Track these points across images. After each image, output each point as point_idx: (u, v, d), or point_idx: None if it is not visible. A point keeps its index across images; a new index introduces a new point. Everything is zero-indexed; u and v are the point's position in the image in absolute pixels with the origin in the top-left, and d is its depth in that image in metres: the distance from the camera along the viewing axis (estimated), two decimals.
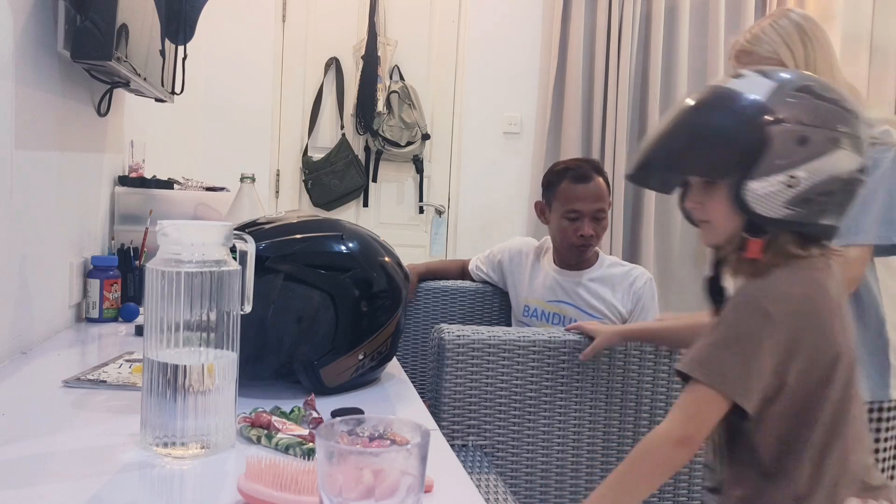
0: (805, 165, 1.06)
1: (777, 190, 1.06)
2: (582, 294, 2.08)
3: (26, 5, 1.32)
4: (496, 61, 3.84)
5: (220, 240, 0.92)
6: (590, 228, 2.04)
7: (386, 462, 0.63)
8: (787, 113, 1.07)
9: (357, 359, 1.23)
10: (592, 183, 2.07)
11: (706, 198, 1.14)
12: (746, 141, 1.07)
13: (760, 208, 1.07)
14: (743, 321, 1.10)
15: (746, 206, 1.08)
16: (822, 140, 1.07)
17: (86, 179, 1.75)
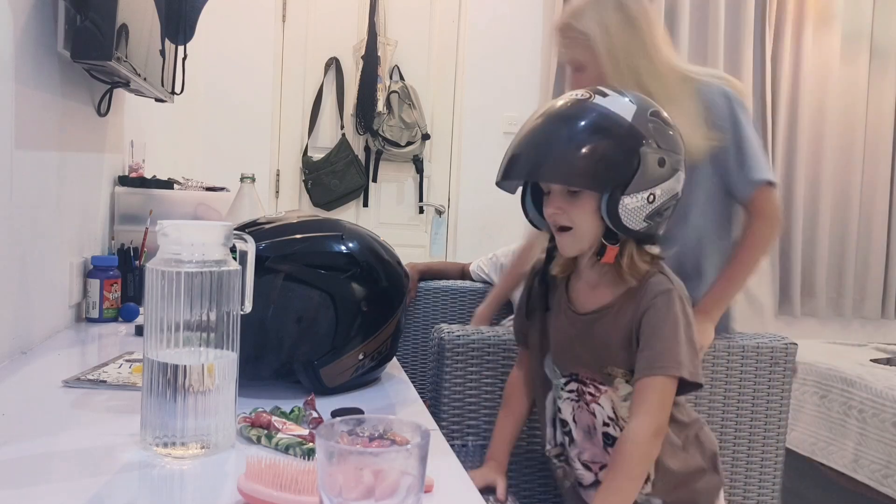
0: (661, 185, 1.21)
1: (641, 205, 1.20)
2: None
3: (26, 5, 1.31)
4: (496, 61, 3.85)
5: (220, 240, 0.92)
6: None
7: (386, 462, 0.63)
8: (650, 136, 1.20)
9: (357, 359, 1.23)
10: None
11: (569, 206, 1.23)
12: (627, 161, 1.19)
13: (627, 220, 1.20)
14: (678, 314, 1.24)
15: (618, 219, 1.19)
16: (672, 163, 1.22)
17: (86, 179, 1.75)
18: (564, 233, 1.24)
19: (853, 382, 2.62)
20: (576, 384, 1.31)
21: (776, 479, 1.69)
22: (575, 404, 1.32)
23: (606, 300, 1.29)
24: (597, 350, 1.29)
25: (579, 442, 1.32)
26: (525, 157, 1.23)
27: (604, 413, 1.29)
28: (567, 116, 1.22)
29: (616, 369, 1.28)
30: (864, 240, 4.19)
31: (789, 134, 4.06)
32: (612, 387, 1.28)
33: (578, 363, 1.31)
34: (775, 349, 1.66)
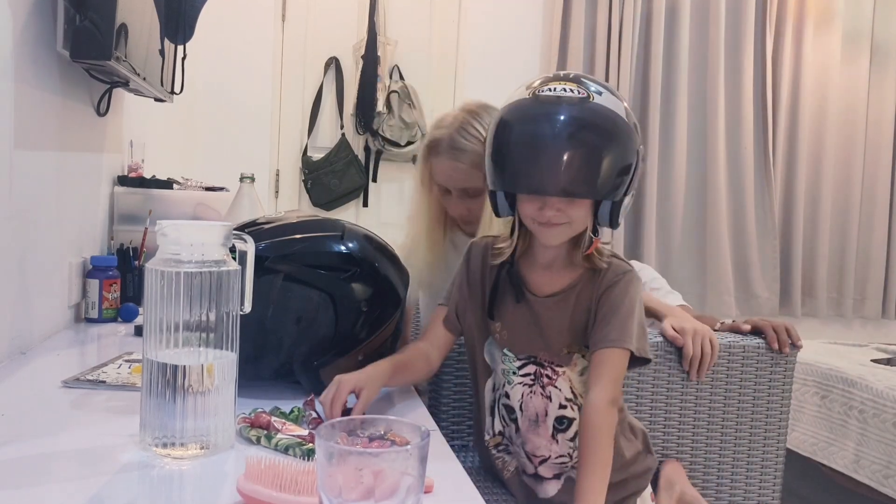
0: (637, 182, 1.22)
1: (629, 201, 1.23)
2: None
3: (26, 5, 1.31)
4: (496, 61, 3.84)
5: (219, 240, 0.92)
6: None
7: (386, 463, 0.63)
8: (637, 132, 1.21)
9: (356, 360, 1.22)
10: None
11: (567, 206, 1.20)
12: (632, 163, 1.19)
13: (621, 217, 1.22)
14: (635, 295, 1.28)
15: (617, 217, 1.21)
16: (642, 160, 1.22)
17: (85, 179, 1.75)
18: (556, 227, 1.22)
19: (854, 383, 2.61)
20: (533, 367, 1.30)
21: (777, 479, 1.69)
22: (527, 389, 1.30)
23: (566, 282, 1.29)
24: (558, 331, 1.29)
25: (524, 431, 1.31)
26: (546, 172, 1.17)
27: (561, 395, 1.29)
28: (582, 124, 1.18)
29: (574, 345, 1.29)
30: (865, 239, 4.19)
31: (790, 134, 4.06)
32: (570, 364, 1.29)
33: (537, 346, 1.30)
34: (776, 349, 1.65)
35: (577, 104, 1.17)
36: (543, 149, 1.17)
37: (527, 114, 1.19)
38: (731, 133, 3.96)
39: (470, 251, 1.38)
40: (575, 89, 1.18)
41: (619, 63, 3.80)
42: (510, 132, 1.19)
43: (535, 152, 1.17)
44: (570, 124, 1.17)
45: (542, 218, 1.21)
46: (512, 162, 1.20)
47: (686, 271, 3.95)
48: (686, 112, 3.90)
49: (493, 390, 1.35)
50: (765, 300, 4.03)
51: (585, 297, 1.28)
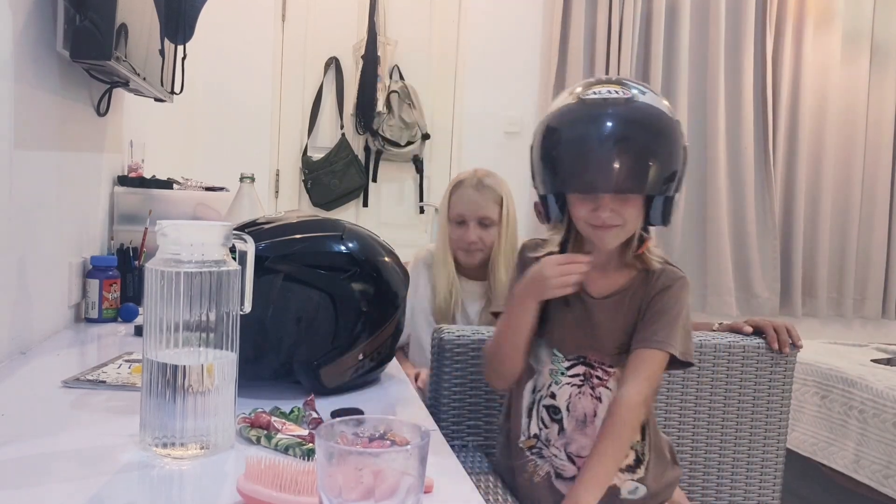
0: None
1: (678, 199, 1.26)
2: None
3: (26, 5, 1.31)
4: (496, 61, 3.84)
5: (219, 240, 0.92)
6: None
7: (386, 463, 0.63)
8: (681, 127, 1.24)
9: (357, 359, 1.22)
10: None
11: (621, 206, 1.22)
12: (682, 159, 1.22)
13: (672, 214, 1.25)
14: (685, 301, 1.32)
15: (669, 214, 1.23)
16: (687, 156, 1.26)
17: (85, 179, 1.75)
18: (611, 229, 1.24)
19: (854, 383, 2.61)
20: (583, 367, 1.31)
21: (777, 479, 1.69)
22: (576, 389, 1.31)
23: (619, 284, 1.32)
24: (612, 332, 1.31)
25: (569, 432, 1.31)
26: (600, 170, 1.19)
27: (612, 396, 1.30)
28: (631, 121, 1.20)
29: (627, 347, 1.31)
30: (865, 239, 4.18)
31: (790, 134, 4.06)
32: (622, 365, 1.30)
33: (589, 346, 1.32)
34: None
35: (623, 104, 1.19)
36: (595, 147, 1.19)
37: (576, 116, 1.21)
38: (731, 133, 3.96)
39: (523, 253, 1.40)
40: (619, 90, 1.20)
41: (619, 63, 3.80)
42: (560, 135, 1.22)
43: (588, 151, 1.19)
44: (620, 123, 1.20)
45: (596, 220, 1.23)
46: (564, 162, 1.22)
47: (686, 271, 3.89)
48: (686, 112, 3.90)
49: (533, 391, 1.36)
50: (765, 300, 4.02)
51: (638, 298, 1.31)
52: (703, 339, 1.62)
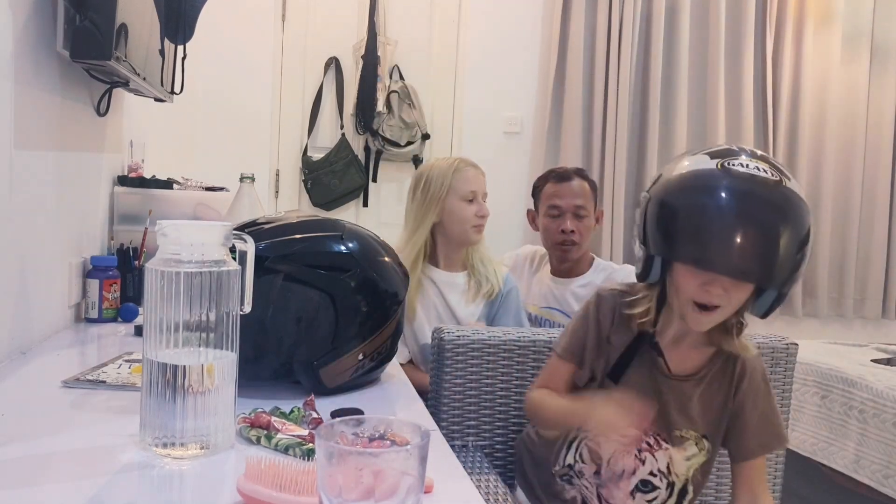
0: None
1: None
2: (570, 301, 2.11)
3: (26, 5, 1.31)
4: (496, 61, 3.84)
5: (219, 240, 0.92)
6: (571, 224, 2.08)
7: (386, 463, 0.63)
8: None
9: (357, 359, 1.22)
10: (574, 181, 2.15)
11: (733, 289, 1.15)
12: (808, 252, 1.15)
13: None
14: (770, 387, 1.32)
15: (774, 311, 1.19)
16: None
17: (85, 179, 1.75)
18: (712, 311, 1.17)
19: (854, 383, 2.61)
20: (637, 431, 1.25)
21: (777, 479, 1.69)
22: (623, 447, 1.27)
23: (697, 364, 1.28)
24: (678, 414, 1.27)
25: (604, 479, 1.29)
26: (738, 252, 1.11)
27: (655, 465, 1.27)
28: (780, 209, 1.12)
29: (691, 432, 1.28)
30: (865, 240, 4.18)
31: (790, 134, 4.06)
32: (680, 448, 1.28)
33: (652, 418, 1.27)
34: (776, 349, 1.65)
35: (773, 187, 1.12)
36: (742, 228, 1.10)
37: (723, 187, 1.12)
38: (731, 133, 3.96)
39: (600, 304, 1.32)
40: (768, 169, 1.13)
41: (619, 63, 3.80)
42: (702, 202, 1.13)
43: (732, 230, 1.10)
44: (772, 208, 1.12)
45: (702, 297, 1.16)
46: (701, 234, 1.13)
47: None
48: (686, 112, 3.90)
49: (578, 427, 1.31)
50: None
51: (716, 385, 1.26)
52: None
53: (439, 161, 2.11)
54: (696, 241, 1.13)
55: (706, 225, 1.12)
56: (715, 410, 1.28)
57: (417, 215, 2.05)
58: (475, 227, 2.04)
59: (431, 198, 2.02)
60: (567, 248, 2.11)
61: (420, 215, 2.03)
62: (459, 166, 2.05)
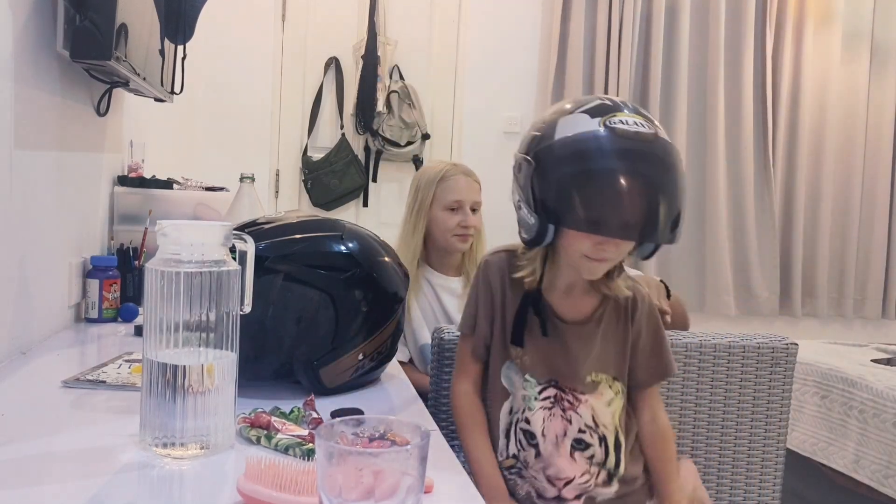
0: None
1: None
2: None
3: (26, 5, 1.31)
4: (496, 61, 3.84)
5: (219, 240, 0.92)
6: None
7: (386, 463, 0.63)
8: None
9: (357, 359, 1.22)
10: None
11: (624, 243, 1.19)
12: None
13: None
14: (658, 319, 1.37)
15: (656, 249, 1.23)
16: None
17: (85, 179, 1.75)
18: (604, 262, 1.20)
19: (854, 383, 2.61)
20: (554, 390, 1.29)
21: (777, 479, 1.69)
22: (548, 413, 1.29)
23: (589, 308, 1.31)
24: (585, 358, 1.29)
25: (546, 456, 1.29)
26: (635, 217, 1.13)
27: (581, 421, 1.29)
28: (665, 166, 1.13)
29: (601, 375, 1.29)
30: (865, 240, 4.18)
31: (790, 134, 4.06)
32: (595, 393, 1.29)
33: (561, 372, 1.29)
34: (776, 349, 1.65)
35: (654, 143, 1.12)
36: (635, 192, 1.11)
37: (611, 149, 1.11)
38: (731, 133, 3.96)
39: (487, 270, 1.33)
40: (644, 123, 1.13)
41: (619, 63, 3.80)
42: (590, 168, 1.13)
43: (628, 196, 1.11)
44: (657, 167, 1.13)
45: (597, 255, 1.17)
46: (594, 203, 1.13)
47: (686, 271, 3.95)
48: (686, 112, 3.90)
49: (509, 413, 1.33)
50: (765, 300, 4.02)
51: (612, 325, 1.30)
52: (704, 339, 1.62)
53: (432, 166, 2.11)
54: (594, 209, 1.13)
55: (603, 192, 1.12)
56: (618, 349, 1.31)
57: (409, 219, 2.07)
58: (458, 236, 2.02)
59: (420, 206, 2.04)
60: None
61: (412, 221, 2.06)
62: (447, 174, 2.04)
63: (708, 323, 3.82)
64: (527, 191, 1.18)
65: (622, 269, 1.29)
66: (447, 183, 2.02)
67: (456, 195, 2.01)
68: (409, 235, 2.04)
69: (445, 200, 2.01)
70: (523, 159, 1.19)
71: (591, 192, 1.13)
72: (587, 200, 1.13)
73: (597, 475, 1.30)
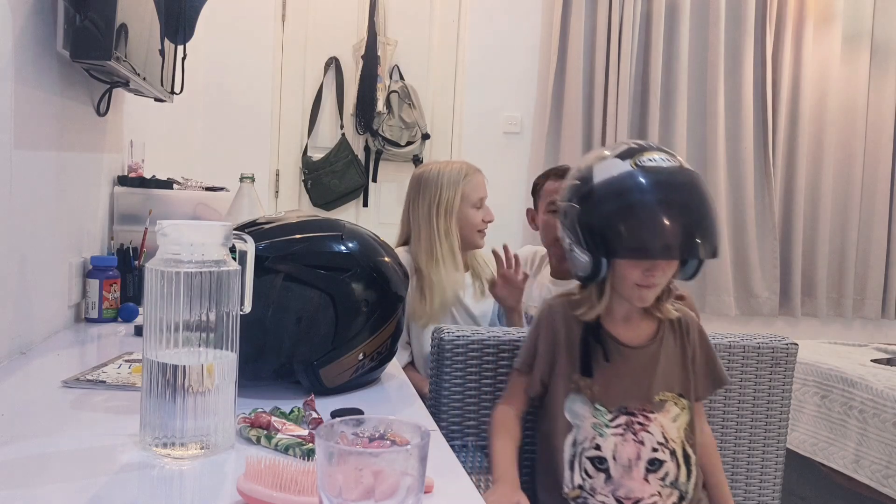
0: None
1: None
2: None
3: (26, 5, 1.31)
4: (496, 61, 3.84)
5: (219, 240, 0.92)
6: None
7: (386, 462, 0.63)
8: None
9: (357, 359, 1.23)
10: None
11: (668, 267, 1.33)
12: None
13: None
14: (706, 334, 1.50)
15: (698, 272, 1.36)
16: None
17: (85, 179, 1.75)
18: (653, 288, 1.33)
19: (854, 383, 2.61)
20: (624, 417, 1.37)
21: (777, 479, 1.69)
22: (620, 438, 1.36)
23: (649, 333, 1.41)
24: (651, 380, 1.38)
25: (616, 478, 1.36)
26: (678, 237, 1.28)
27: (653, 439, 1.36)
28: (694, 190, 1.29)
29: (667, 394, 1.39)
30: (865, 240, 4.18)
31: (790, 134, 4.06)
32: (663, 411, 1.38)
33: (628, 395, 1.38)
34: (776, 349, 1.65)
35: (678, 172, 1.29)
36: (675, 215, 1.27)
37: (646, 184, 1.26)
38: (731, 133, 3.96)
39: (550, 313, 1.44)
40: (667, 158, 1.29)
41: (619, 63, 3.80)
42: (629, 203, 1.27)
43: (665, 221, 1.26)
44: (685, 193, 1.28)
45: (647, 281, 1.31)
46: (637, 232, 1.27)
47: None
48: (686, 112, 3.90)
49: (573, 445, 1.39)
50: (765, 300, 4.02)
51: (671, 345, 1.41)
52: None
53: (444, 166, 2.11)
54: (637, 237, 1.28)
55: (643, 222, 1.27)
56: (680, 366, 1.42)
57: (434, 222, 2.06)
58: (480, 231, 2.10)
59: (448, 206, 2.05)
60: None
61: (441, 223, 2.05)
62: (469, 172, 2.08)
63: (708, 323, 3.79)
64: (576, 233, 1.33)
65: (671, 293, 1.40)
66: (471, 181, 2.07)
67: (481, 192, 2.08)
68: (445, 239, 2.04)
69: (473, 198, 2.06)
70: (568, 206, 1.35)
71: (633, 223, 1.28)
72: (631, 231, 1.28)
73: (668, 497, 1.36)
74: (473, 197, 2.06)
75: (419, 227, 2.07)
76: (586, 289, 1.40)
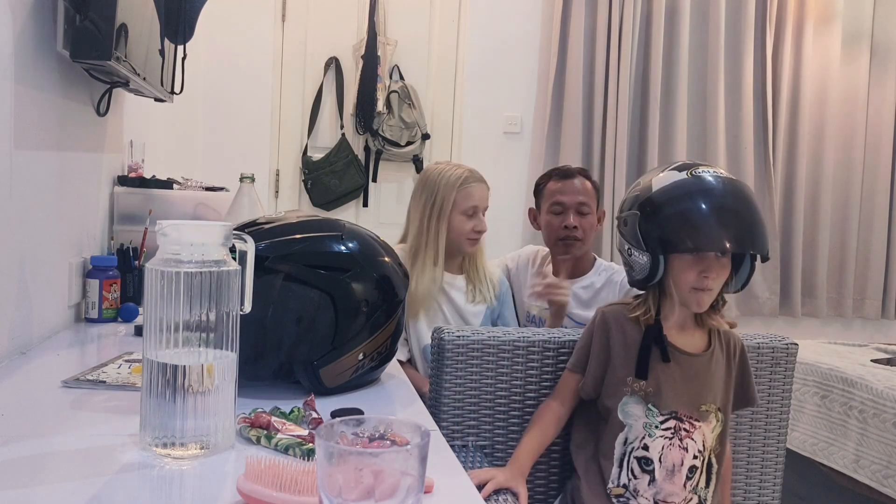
0: None
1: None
2: (571, 302, 2.10)
3: (26, 5, 1.31)
4: (496, 61, 3.84)
5: (219, 240, 0.92)
6: (574, 220, 2.08)
7: (386, 462, 0.63)
8: None
9: (357, 359, 1.22)
10: (576, 179, 2.16)
11: (722, 270, 1.41)
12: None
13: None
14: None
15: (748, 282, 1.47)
16: None
17: (85, 179, 1.75)
18: (708, 292, 1.41)
19: (854, 383, 2.61)
20: (674, 421, 1.43)
21: (777, 479, 1.69)
22: (667, 441, 1.42)
23: (703, 342, 1.49)
24: (703, 388, 1.45)
25: (659, 482, 1.41)
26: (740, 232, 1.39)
27: (695, 447, 1.43)
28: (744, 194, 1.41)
29: (711, 405, 1.45)
30: (865, 240, 4.18)
31: (790, 134, 4.06)
32: (707, 421, 1.45)
33: (679, 401, 1.44)
34: (776, 349, 1.66)
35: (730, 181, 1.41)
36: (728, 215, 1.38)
37: (701, 188, 1.39)
38: (731, 133, 3.96)
39: (605, 318, 1.51)
40: (719, 171, 1.43)
41: (619, 63, 3.80)
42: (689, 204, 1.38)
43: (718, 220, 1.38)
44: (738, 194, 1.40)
45: (702, 284, 1.39)
46: (696, 228, 1.37)
47: None
48: (686, 112, 3.90)
49: (624, 444, 1.45)
50: (765, 300, 4.02)
51: (721, 358, 1.48)
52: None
53: (449, 169, 2.12)
54: (695, 235, 1.38)
55: (702, 219, 1.38)
56: (725, 381, 1.48)
57: (426, 223, 2.08)
58: (470, 240, 2.09)
59: (441, 210, 2.06)
60: (570, 244, 2.11)
61: (433, 225, 2.07)
62: (467, 181, 2.08)
63: None
64: (636, 237, 1.43)
65: (725, 302, 1.48)
66: (468, 189, 2.07)
67: (474, 201, 2.08)
68: (433, 238, 2.06)
69: (464, 206, 2.06)
70: (629, 214, 1.46)
71: (690, 220, 1.38)
72: (688, 227, 1.38)
73: (689, 501, 1.44)
74: (464, 205, 2.06)
75: (413, 222, 2.11)
76: (642, 296, 1.49)
